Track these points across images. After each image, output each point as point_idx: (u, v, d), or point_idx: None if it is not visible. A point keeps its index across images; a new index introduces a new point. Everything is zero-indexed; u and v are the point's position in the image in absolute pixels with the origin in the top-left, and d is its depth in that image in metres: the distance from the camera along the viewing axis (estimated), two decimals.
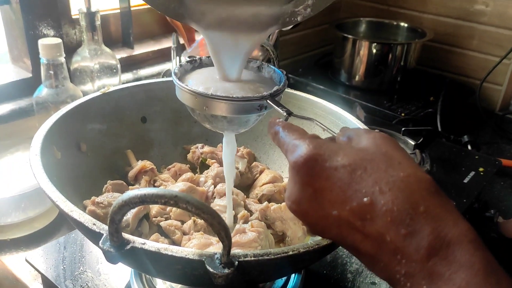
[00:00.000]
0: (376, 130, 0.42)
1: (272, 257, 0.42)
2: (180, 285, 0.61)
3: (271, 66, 0.57)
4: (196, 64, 0.58)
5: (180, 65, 0.56)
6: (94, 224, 0.44)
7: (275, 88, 0.51)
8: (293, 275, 0.65)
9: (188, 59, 0.58)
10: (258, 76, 0.57)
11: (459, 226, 0.33)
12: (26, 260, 0.66)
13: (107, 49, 0.97)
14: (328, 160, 0.36)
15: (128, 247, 0.41)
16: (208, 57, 0.57)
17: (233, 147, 0.58)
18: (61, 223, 0.83)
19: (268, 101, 0.49)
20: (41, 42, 0.82)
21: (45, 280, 0.65)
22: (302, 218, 0.40)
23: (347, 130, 0.42)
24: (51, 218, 0.83)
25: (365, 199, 0.34)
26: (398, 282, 0.34)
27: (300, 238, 0.61)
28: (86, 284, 0.62)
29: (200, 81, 0.53)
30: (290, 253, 0.43)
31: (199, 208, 0.37)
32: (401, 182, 0.34)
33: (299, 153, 0.37)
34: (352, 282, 0.67)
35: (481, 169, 0.96)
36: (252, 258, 0.42)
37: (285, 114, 0.49)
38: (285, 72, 0.55)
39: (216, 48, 0.51)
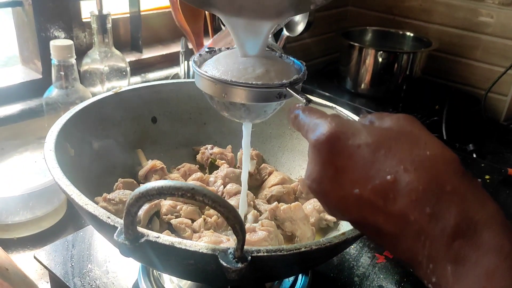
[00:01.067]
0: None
1: (285, 253, 0.43)
2: (188, 284, 0.61)
3: (291, 57, 0.56)
4: (215, 54, 0.58)
5: (200, 54, 0.56)
6: (108, 217, 0.44)
7: (295, 77, 0.50)
8: (300, 277, 0.65)
9: (207, 49, 0.58)
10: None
11: (488, 207, 0.32)
12: (35, 257, 0.66)
13: (117, 52, 0.98)
14: (351, 138, 0.35)
15: (143, 240, 0.42)
16: (228, 48, 0.58)
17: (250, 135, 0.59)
18: (68, 223, 0.83)
19: (287, 89, 0.49)
20: (53, 43, 0.83)
21: (53, 277, 0.65)
22: (322, 199, 0.38)
23: (368, 115, 0.41)
24: (58, 218, 0.83)
25: (388, 177, 0.33)
26: (420, 264, 0.32)
27: (310, 239, 0.61)
28: (94, 282, 0.62)
29: (219, 66, 0.53)
30: (303, 249, 0.44)
31: (215, 201, 0.38)
32: (427, 161, 0.33)
33: (321, 131, 0.36)
34: (359, 286, 0.67)
35: (487, 177, 0.96)
36: (265, 254, 0.42)
37: (304, 101, 0.48)
38: (304, 63, 0.54)
39: (237, 32, 0.51)
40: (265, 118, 0.56)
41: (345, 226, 0.63)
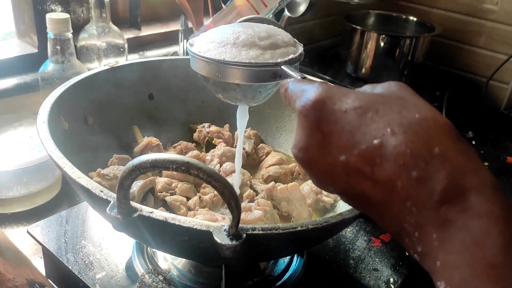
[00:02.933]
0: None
1: (280, 231, 0.42)
2: (182, 262, 0.61)
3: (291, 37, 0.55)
4: None
5: (196, 36, 0.55)
6: (101, 191, 0.43)
7: (290, 56, 0.49)
8: (295, 259, 0.65)
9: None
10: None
11: (479, 173, 0.30)
12: (28, 232, 0.65)
13: (115, 28, 0.96)
14: (338, 102, 0.34)
15: (136, 215, 0.41)
16: None
17: (245, 120, 0.57)
18: (63, 199, 0.82)
19: (282, 67, 0.47)
20: (49, 16, 0.81)
21: (46, 253, 0.64)
22: (309, 168, 0.36)
23: (364, 86, 0.39)
24: (53, 195, 0.82)
25: (375, 141, 0.31)
26: (406, 232, 0.31)
27: (306, 219, 0.60)
28: (87, 257, 0.62)
29: (216, 38, 0.51)
30: (299, 228, 0.43)
31: (211, 176, 0.37)
32: (417, 124, 0.31)
33: (307, 96, 0.35)
34: (354, 268, 0.67)
35: (486, 164, 0.96)
36: (260, 232, 0.41)
37: (298, 77, 0.46)
38: (302, 45, 0.53)
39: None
40: (262, 101, 0.54)
41: (342, 208, 0.63)
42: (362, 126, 0.32)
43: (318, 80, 0.39)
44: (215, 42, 0.49)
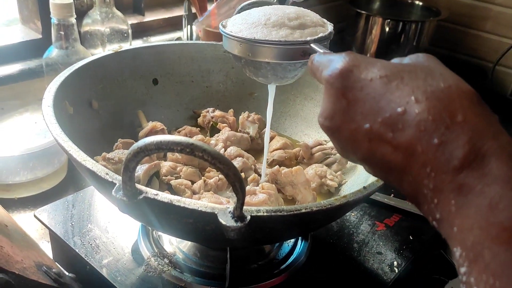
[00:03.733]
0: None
1: (285, 213, 0.42)
2: (187, 245, 0.61)
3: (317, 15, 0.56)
4: None
5: (228, 19, 0.56)
6: (107, 173, 0.43)
7: (320, 34, 0.50)
8: (299, 242, 0.65)
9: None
10: None
11: (500, 138, 0.30)
12: (35, 216, 0.66)
13: (119, 13, 0.95)
14: (364, 71, 0.35)
15: (141, 197, 0.41)
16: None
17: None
18: (69, 184, 0.83)
19: (312, 45, 0.49)
20: (52, 1, 0.80)
21: (53, 236, 0.65)
22: (333, 135, 0.37)
23: (393, 59, 0.39)
24: (59, 180, 0.83)
25: (398, 109, 0.32)
26: (425, 198, 0.31)
27: (310, 203, 0.60)
28: (94, 241, 0.62)
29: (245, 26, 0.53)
30: (303, 210, 0.43)
31: (215, 158, 0.37)
32: (440, 92, 0.32)
33: (334, 65, 0.36)
34: (358, 252, 0.67)
35: None
36: (265, 214, 0.42)
37: None
38: (332, 24, 0.55)
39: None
40: (291, 80, 0.56)
41: (347, 191, 0.63)
42: (387, 94, 0.33)
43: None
44: (247, 23, 0.51)
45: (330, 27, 0.54)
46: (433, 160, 0.30)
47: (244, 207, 0.40)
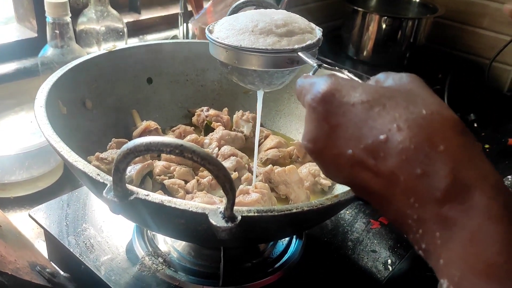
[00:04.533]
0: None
1: (276, 213, 0.42)
2: (182, 244, 0.62)
3: (311, 23, 0.56)
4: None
5: (215, 23, 0.55)
6: (98, 174, 0.43)
7: (307, 42, 0.50)
8: (294, 241, 0.66)
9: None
10: None
11: (481, 168, 0.30)
12: (29, 215, 0.66)
13: (114, 11, 0.95)
14: (346, 95, 0.34)
15: (132, 197, 0.41)
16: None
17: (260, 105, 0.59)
18: (65, 184, 0.83)
19: (298, 54, 0.48)
20: (47, 0, 0.80)
21: (48, 236, 0.65)
22: (317, 159, 0.37)
23: (378, 74, 0.39)
24: (55, 179, 0.83)
25: (380, 137, 0.32)
26: (410, 228, 0.31)
27: (303, 202, 0.61)
28: (89, 240, 0.62)
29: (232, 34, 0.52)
30: (294, 211, 0.43)
31: (205, 159, 0.37)
32: (422, 119, 0.31)
33: (316, 88, 0.36)
34: (353, 250, 0.67)
35: (487, 146, 0.96)
36: (256, 214, 0.42)
37: (315, 65, 0.47)
38: (321, 30, 0.54)
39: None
40: (279, 86, 0.55)
41: (340, 190, 0.63)
42: (369, 121, 0.33)
43: (330, 72, 0.39)
44: (234, 29, 0.51)
45: (319, 32, 0.53)
46: (415, 191, 0.30)
47: (235, 207, 0.40)
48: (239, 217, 0.40)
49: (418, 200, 0.30)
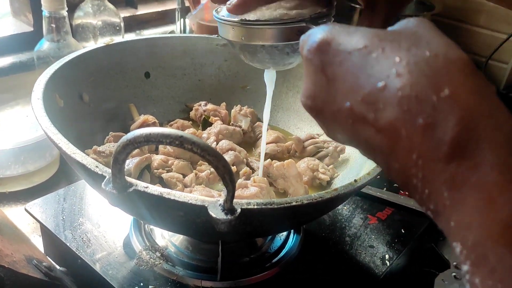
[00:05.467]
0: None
1: (275, 206, 0.42)
2: (179, 238, 0.61)
3: None
4: None
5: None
6: (96, 166, 0.43)
7: (317, 11, 0.46)
8: (292, 236, 0.65)
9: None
10: None
11: (495, 115, 0.26)
12: (26, 210, 0.65)
13: (111, 5, 0.95)
14: (342, 43, 0.31)
15: (131, 190, 0.41)
16: None
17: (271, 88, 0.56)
18: (61, 178, 0.83)
19: (307, 24, 0.45)
20: None
21: (44, 230, 0.64)
22: (316, 117, 0.34)
23: None
24: (51, 174, 0.82)
25: (378, 84, 0.28)
26: (415, 188, 0.28)
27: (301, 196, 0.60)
28: (85, 234, 0.62)
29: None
30: (294, 203, 0.43)
31: (205, 150, 0.37)
32: (425, 62, 0.27)
33: (312, 39, 0.32)
34: (350, 245, 0.67)
35: None
36: (255, 207, 0.42)
37: None
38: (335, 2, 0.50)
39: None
40: (293, 64, 0.51)
41: (338, 185, 0.63)
42: (367, 68, 0.29)
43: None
44: None
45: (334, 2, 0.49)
46: (419, 146, 0.27)
47: (235, 200, 0.40)
48: (239, 210, 0.40)
49: (421, 156, 0.27)
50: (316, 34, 0.32)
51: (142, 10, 1.14)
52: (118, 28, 0.97)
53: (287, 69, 0.54)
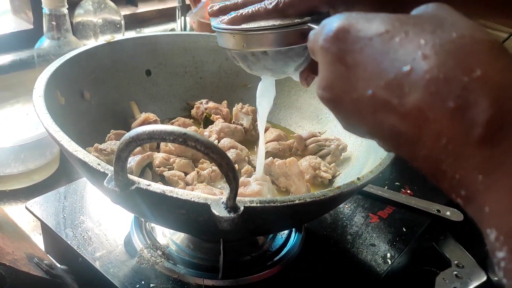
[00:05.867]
0: None
1: (278, 204, 0.42)
2: (181, 237, 0.61)
3: None
4: None
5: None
6: (99, 164, 0.43)
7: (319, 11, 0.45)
8: (293, 234, 0.65)
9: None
10: None
11: None
12: (26, 208, 0.65)
13: (111, 3, 0.95)
14: (362, 29, 0.30)
15: (133, 187, 0.41)
16: None
17: (271, 95, 0.54)
18: (61, 177, 0.82)
19: (310, 25, 0.44)
20: None
21: (45, 228, 0.64)
22: (334, 108, 0.33)
23: None
24: (51, 172, 0.82)
25: (404, 68, 0.27)
26: (444, 174, 0.26)
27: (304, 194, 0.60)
28: (86, 233, 0.62)
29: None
30: (297, 202, 0.43)
31: (208, 147, 0.36)
32: (452, 43, 0.26)
33: (328, 27, 0.31)
34: (352, 244, 0.67)
35: None
36: (258, 205, 0.41)
37: None
38: None
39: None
40: (299, 68, 0.49)
41: (340, 183, 0.63)
42: (390, 53, 0.28)
43: None
44: None
45: None
46: (449, 130, 0.25)
47: (237, 198, 0.40)
48: (242, 208, 0.40)
49: (452, 140, 0.25)
50: (332, 22, 0.31)
51: (143, 8, 1.14)
52: (118, 26, 0.96)
53: None
